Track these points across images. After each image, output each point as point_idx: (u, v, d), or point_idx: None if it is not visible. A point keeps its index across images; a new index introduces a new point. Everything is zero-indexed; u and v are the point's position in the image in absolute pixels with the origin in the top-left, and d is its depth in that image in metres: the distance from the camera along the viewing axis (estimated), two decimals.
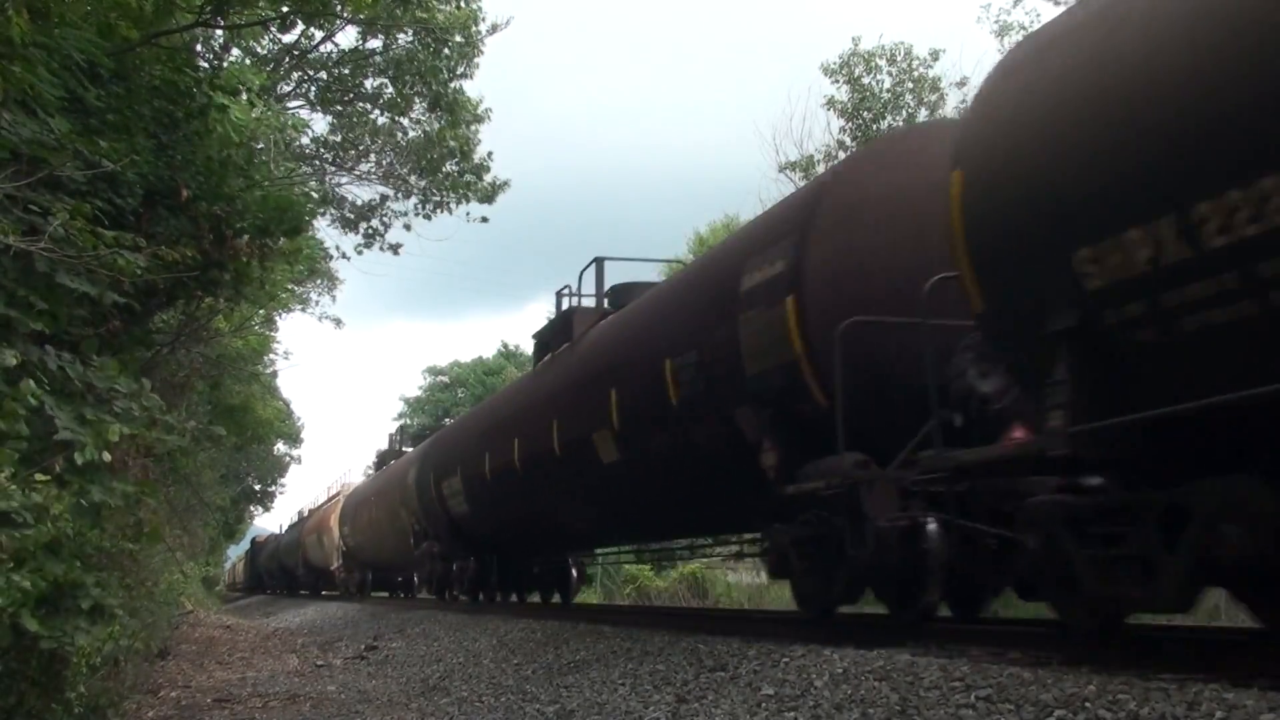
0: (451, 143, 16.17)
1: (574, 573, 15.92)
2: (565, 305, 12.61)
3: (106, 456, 4.54)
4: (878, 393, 6.19)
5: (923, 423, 5.63)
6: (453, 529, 16.45)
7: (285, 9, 7.86)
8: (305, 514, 41.68)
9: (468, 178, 16.72)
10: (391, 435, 32.75)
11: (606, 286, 12.34)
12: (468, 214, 17.44)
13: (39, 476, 4.17)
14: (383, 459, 31.32)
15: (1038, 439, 4.76)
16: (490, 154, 16.87)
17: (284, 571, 41.42)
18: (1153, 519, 4.40)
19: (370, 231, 17.89)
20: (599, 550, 16.46)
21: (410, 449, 25.76)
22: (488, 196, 17.14)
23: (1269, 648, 4.98)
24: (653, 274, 17.86)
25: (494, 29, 15.73)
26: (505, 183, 17.29)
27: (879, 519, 5.99)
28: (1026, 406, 5.10)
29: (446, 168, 16.72)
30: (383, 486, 22.70)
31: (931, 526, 5.75)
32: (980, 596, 7.20)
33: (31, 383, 4.29)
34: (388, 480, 22.54)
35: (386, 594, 27.27)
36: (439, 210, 17.12)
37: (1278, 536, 4.01)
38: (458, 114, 15.88)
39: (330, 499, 35.26)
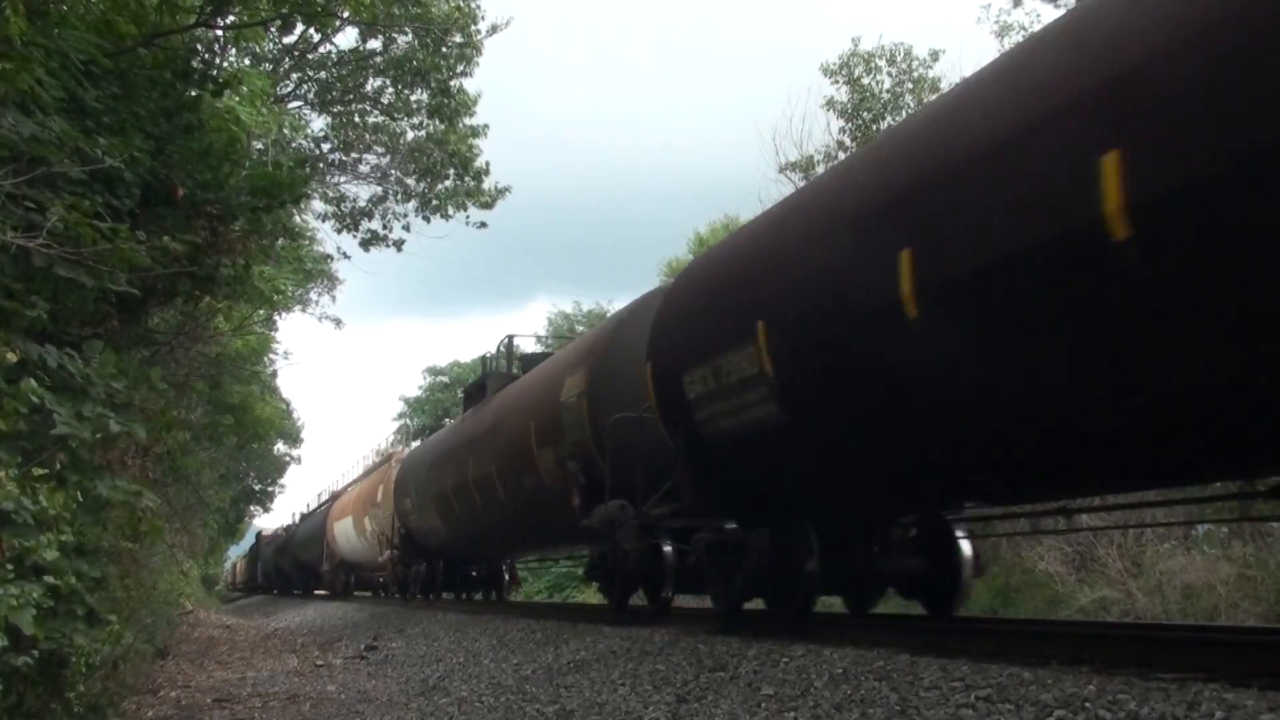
0: (453, 147, 16.15)
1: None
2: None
3: (102, 435, 4.51)
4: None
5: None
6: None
7: (285, 10, 7.86)
8: (327, 497, 35.82)
9: (468, 183, 16.71)
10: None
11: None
12: (467, 219, 17.46)
13: (36, 471, 4.16)
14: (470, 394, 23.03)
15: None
16: (488, 163, 16.88)
17: (299, 569, 36.08)
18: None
19: (370, 233, 17.89)
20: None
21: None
22: (487, 204, 17.14)
23: (1269, 648, 4.99)
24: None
25: (493, 29, 15.73)
26: (505, 189, 17.29)
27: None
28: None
29: (446, 183, 16.71)
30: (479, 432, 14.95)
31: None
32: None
33: (32, 381, 4.29)
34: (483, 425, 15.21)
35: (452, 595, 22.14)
36: (437, 214, 17.14)
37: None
38: (456, 119, 15.87)
39: (370, 470, 29.10)
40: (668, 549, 9.36)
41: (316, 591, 34.25)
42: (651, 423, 8.71)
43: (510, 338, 16.94)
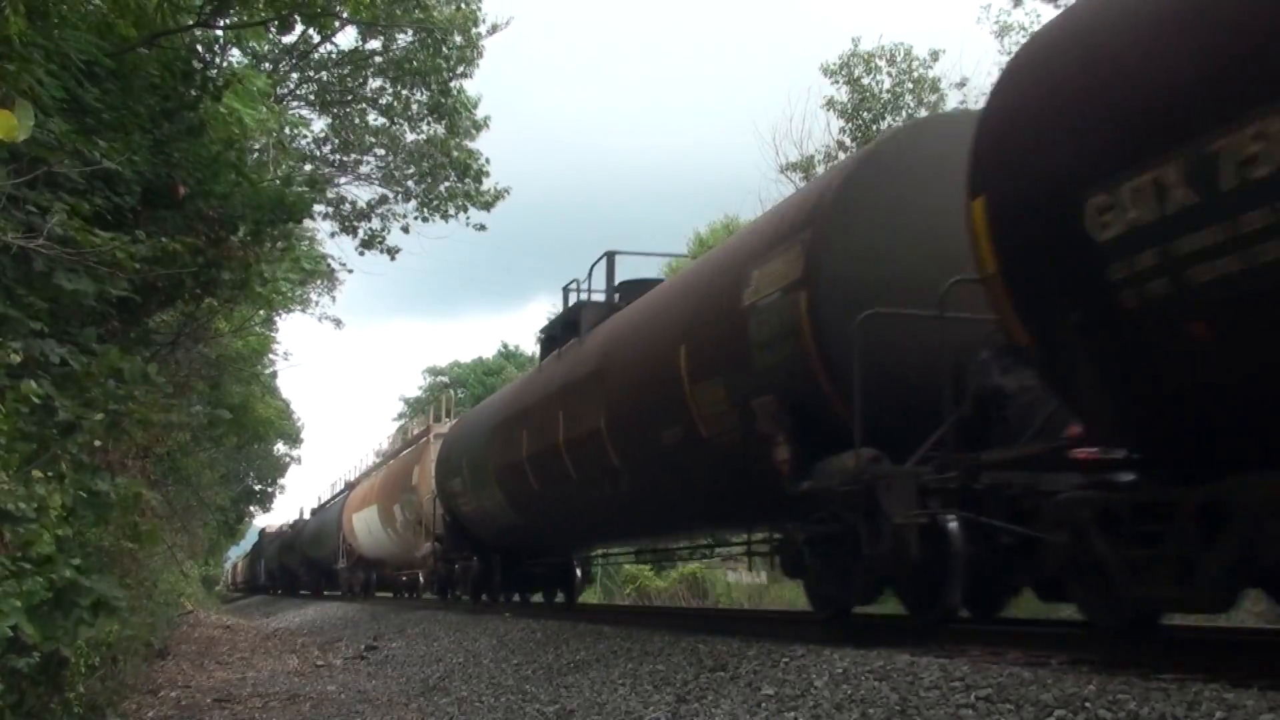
0: (455, 153, 16.14)
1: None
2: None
3: (100, 418, 4.51)
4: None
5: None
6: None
7: (285, 10, 7.87)
8: (341, 488, 32.36)
9: (467, 185, 16.70)
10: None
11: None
12: (467, 221, 17.46)
13: (36, 474, 4.16)
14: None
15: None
16: (488, 160, 16.86)
17: (310, 568, 33.07)
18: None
19: (370, 235, 17.89)
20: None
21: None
22: (487, 205, 17.13)
23: (1269, 648, 4.98)
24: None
25: (494, 29, 15.73)
26: (504, 191, 17.27)
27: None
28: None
29: (445, 185, 16.69)
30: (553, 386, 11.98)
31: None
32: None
33: (33, 383, 4.30)
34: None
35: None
36: (436, 216, 17.13)
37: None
38: (457, 122, 15.86)
39: (398, 451, 25.34)
40: (952, 525, 5.70)
41: (328, 593, 31.13)
42: (926, 332, 5.77)
43: (612, 254, 12.33)
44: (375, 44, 15.31)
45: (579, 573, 15.87)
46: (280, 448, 40.13)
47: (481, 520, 15.10)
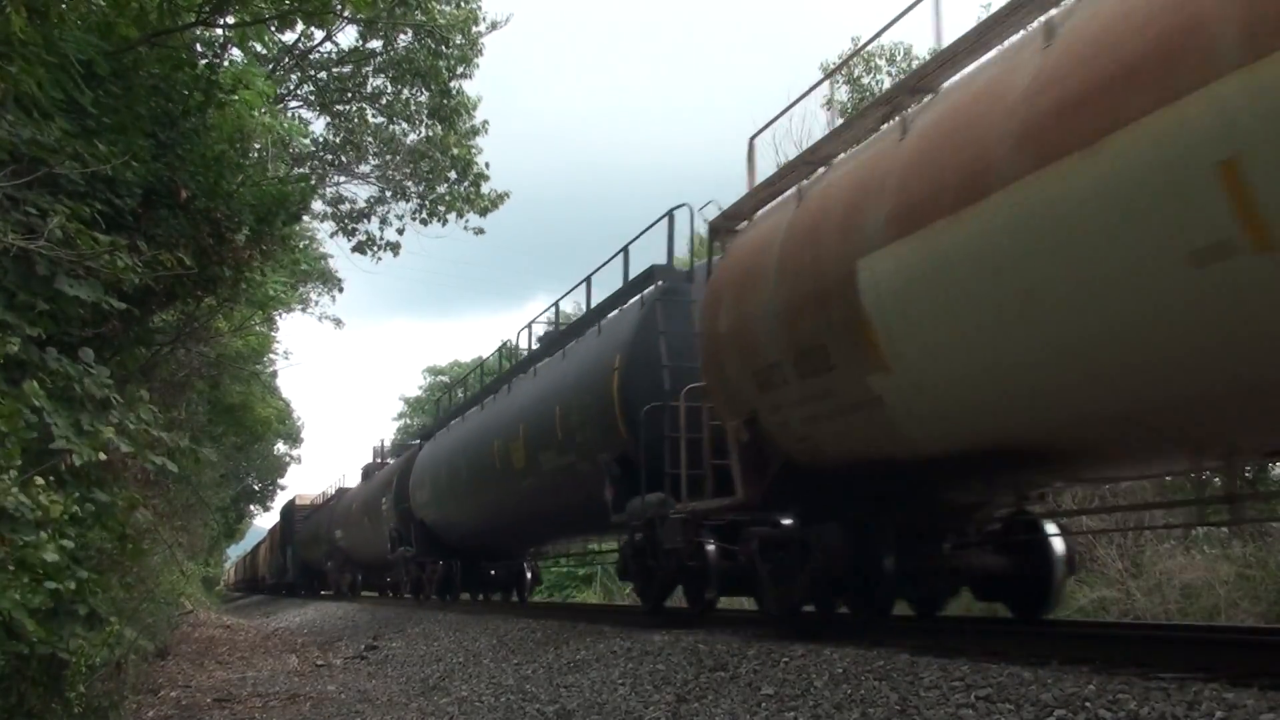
0: (455, 150, 16.13)
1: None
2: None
3: (102, 455, 4.54)
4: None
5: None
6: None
7: (285, 7, 7.87)
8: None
9: (466, 188, 16.69)
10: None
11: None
12: (465, 224, 17.45)
13: (38, 481, 4.17)
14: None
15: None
16: (487, 164, 16.85)
17: (335, 559, 27.70)
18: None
19: (368, 236, 17.89)
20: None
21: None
22: (485, 210, 17.12)
23: (1269, 648, 4.99)
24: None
25: (493, 26, 15.71)
26: (503, 195, 17.26)
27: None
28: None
29: (444, 187, 16.67)
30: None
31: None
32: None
33: (35, 384, 4.30)
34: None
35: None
36: (434, 218, 17.12)
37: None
38: (456, 122, 15.84)
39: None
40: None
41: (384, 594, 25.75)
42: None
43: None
44: (375, 44, 15.29)
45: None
46: (280, 448, 40.15)
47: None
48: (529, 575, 18.72)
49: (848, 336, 5.75)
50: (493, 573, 18.76)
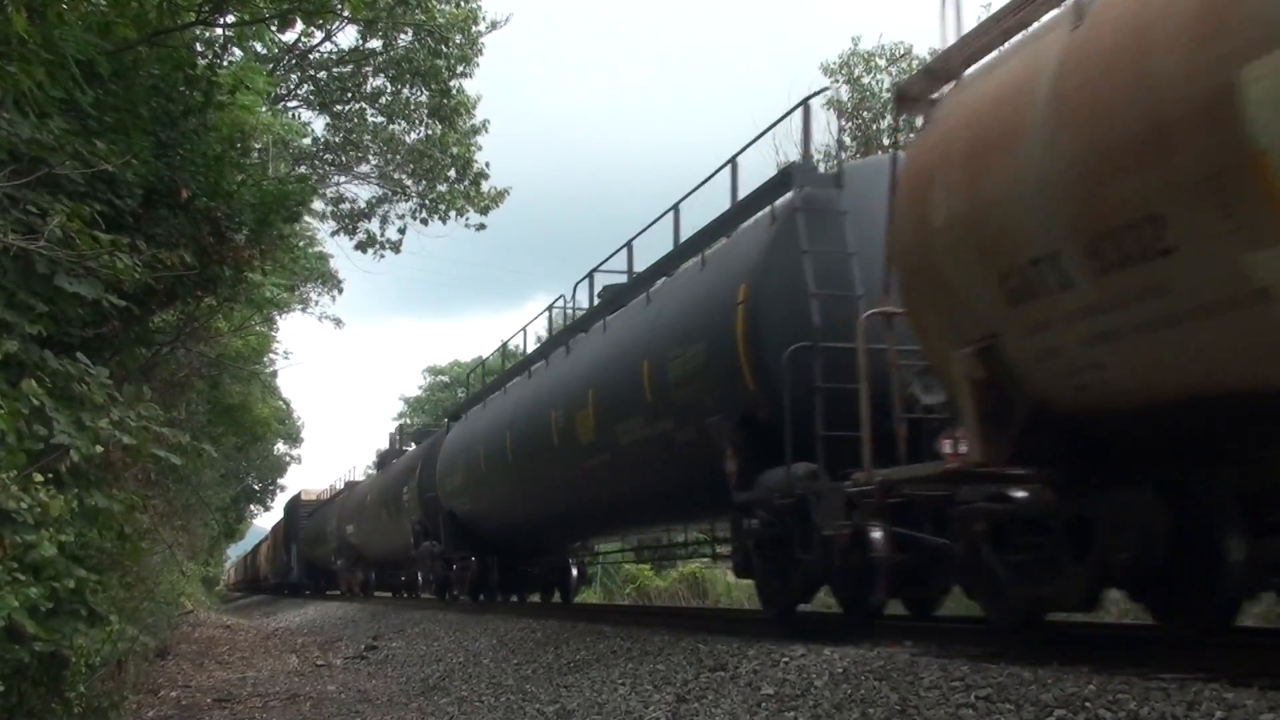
0: (454, 149, 16.13)
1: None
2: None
3: (99, 448, 4.54)
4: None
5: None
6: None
7: (285, 6, 7.87)
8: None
9: (466, 186, 16.70)
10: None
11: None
12: (465, 222, 17.47)
13: (36, 477, 4.17)
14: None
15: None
16: (488, 164, 16.85)
17: (341, 555, 25.77)
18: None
19: (369, 235, 17.90)
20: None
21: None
22: (485, 209, 17.13)
23: (1269, 648, 4.99)
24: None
25: (493, 26, 15.72)
26: (503, 192, 17.27)
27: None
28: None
29: (444, 186, 16.67)
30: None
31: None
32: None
33: (33, 383, 4.30)
34: None
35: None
36: (434, 217, 17.14)
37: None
38: (456, 121, 15.85)
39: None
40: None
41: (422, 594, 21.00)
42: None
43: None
44: (375, 43, 15.30)
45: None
46: (280, 448, 40.14)
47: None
48: (574, 572, 16.19)
49: (1212, 193, 3.71)
50: (533, 569, 16.51)
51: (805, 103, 8.01)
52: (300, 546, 33.52)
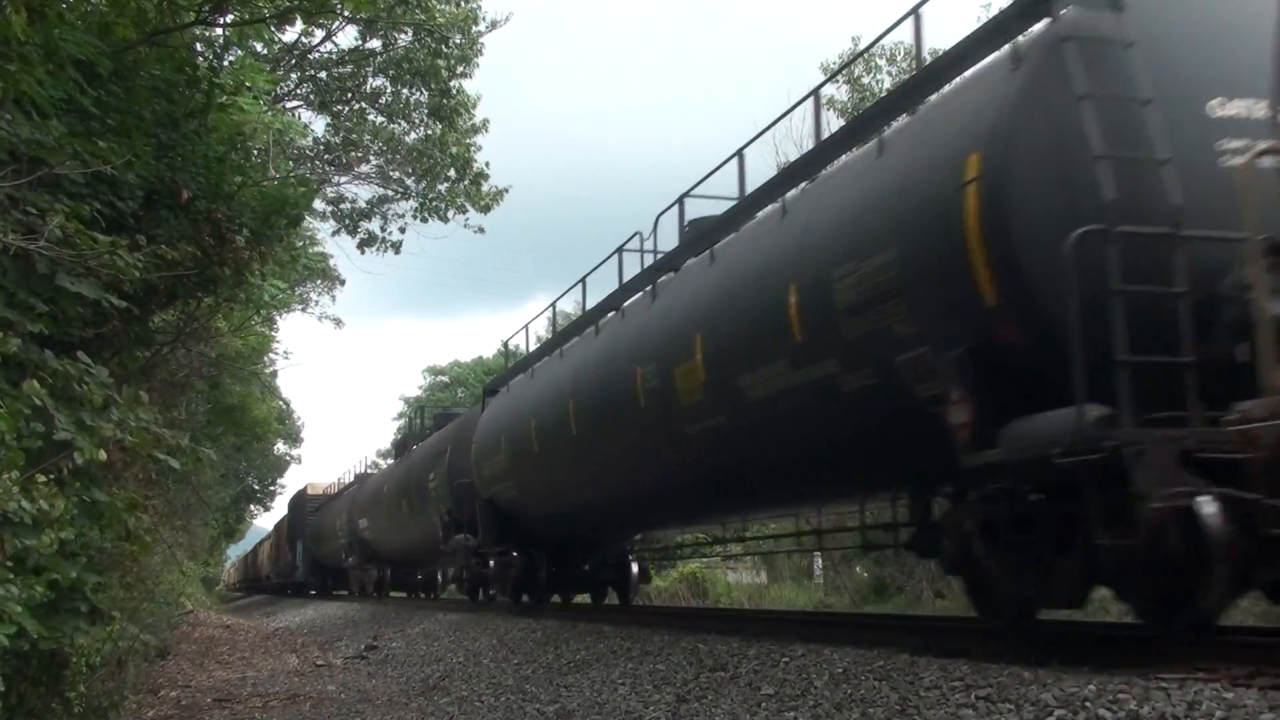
0: (454, 149, 16.14)
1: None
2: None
3: (102, 455, 4.55)
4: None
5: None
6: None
7: (285, 5, 7.88)
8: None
9: (466, 186, 16.71)
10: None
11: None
12: (465, 222, 17.48)
13: (39, 478, 4.17)
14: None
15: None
16: (488, 164, 16.87)
17: (354, 552, 23.77)
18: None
19: (369, 234, 17.92)
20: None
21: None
22: (486, 208, 17.14)
23: (1269, 648, 4.98)
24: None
25: (493, 25, 15.73)
26: (503, 191, 17.28)
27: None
28: None
29: (444, 185, 16.68)
30: None
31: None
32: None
33: (35, 383, 4.30)
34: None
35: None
36: (434, 217, 17.15)
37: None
38: (456, 121, 15.86)
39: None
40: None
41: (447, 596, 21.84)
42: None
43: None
44: (375, 43, 15.31)
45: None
46: (280, 447, 40.13)
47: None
48: (635, 570, 14.00)
49: None
50: (587, 566, 14.30)
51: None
52: (306, 544, 31.31)
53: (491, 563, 14.33)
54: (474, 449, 14.33)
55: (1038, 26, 5.46)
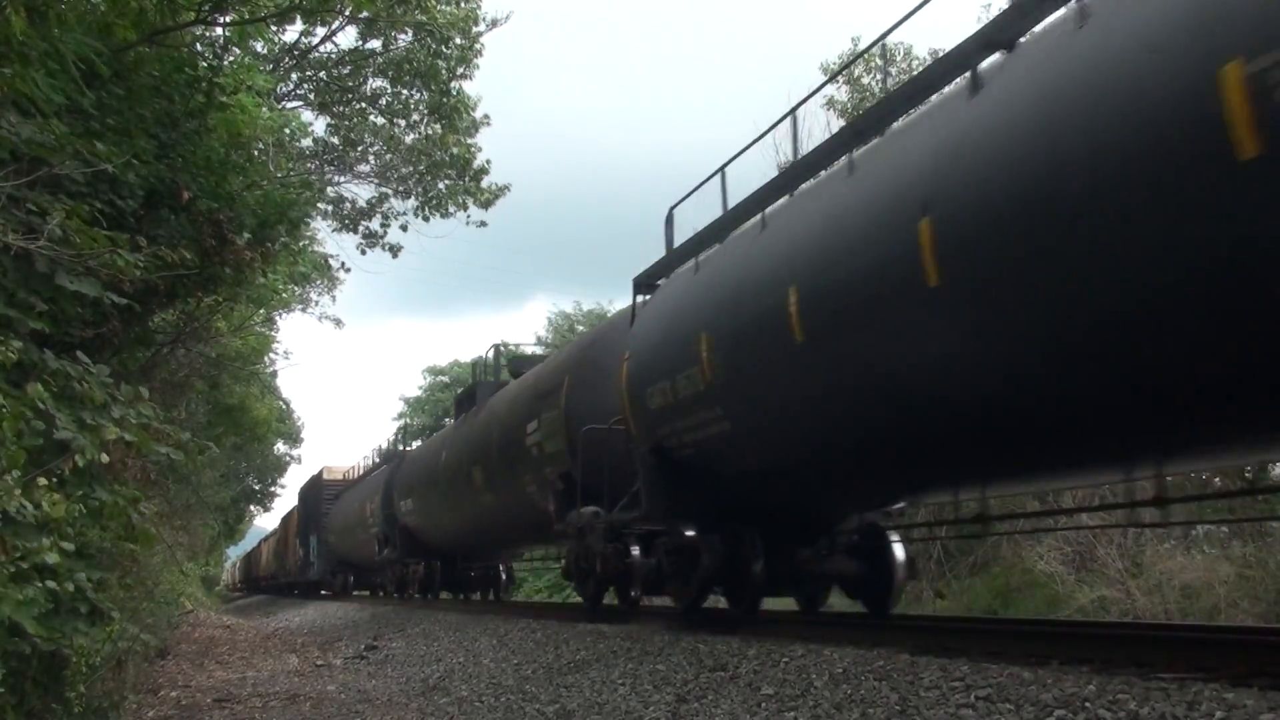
0: (454, 150, 16.15)
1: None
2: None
3: (105, 458, 4.55)
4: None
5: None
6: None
7: (286, 3, 7.89)
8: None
9: (467, 183, 16.71)
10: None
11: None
12: (467, 219, 17.48)
13: (40, 481, 4.17)
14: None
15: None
16: (488, 161, 16.87)
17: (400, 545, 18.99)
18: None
19: (369, 233, 17.92)
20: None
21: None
22: (487, 203, 17.14)
23: (1269, 648, 4.99)
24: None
25: (493, 24, 15.73)
26: (504, 188, 17.29)
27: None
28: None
29: (445, 183, 16.68)
30: None
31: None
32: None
33: (40, 386, 4.30)
34: None
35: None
36: (436, 213, 17.14)
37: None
38: (456, 120, 15.87)
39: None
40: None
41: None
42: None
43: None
44: (375, 44, 15.32)
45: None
46: (280, 447, 40.16)
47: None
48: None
49: None
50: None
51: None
52: (323, 537, 27.26)
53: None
54: (629, 371, 8.96)
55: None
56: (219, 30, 8.18)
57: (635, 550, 9.84)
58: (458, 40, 14.96)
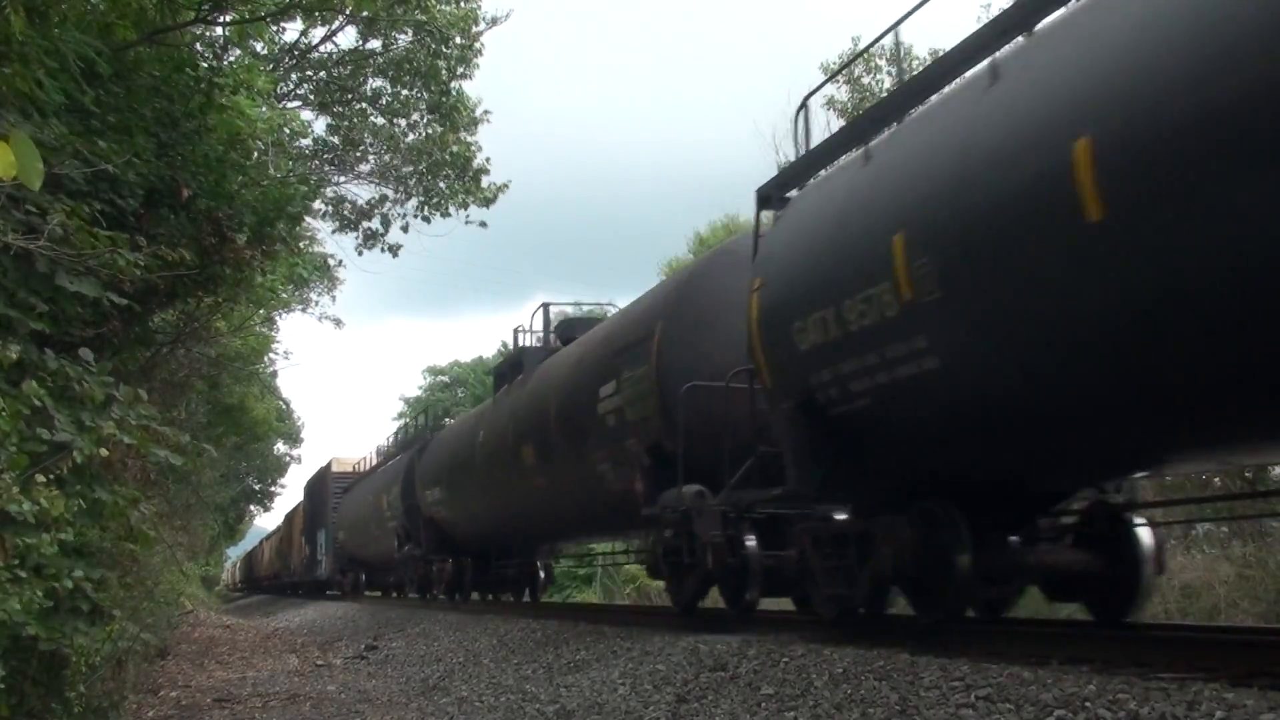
0: (454, 148, 16.13)
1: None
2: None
3: (104, 452, 4.55)
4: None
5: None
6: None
7: (285, 3, 7.89)
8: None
9: (467, 182, 16.70)
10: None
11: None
12: (467, 218, 17.47)
13: (39, 478, 4.17)
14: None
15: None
16: (489, 160, 16.85)
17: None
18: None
19: (370, 233, 17.91)
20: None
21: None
22: (487, 202, 17.13)
23: (1269, 648, 4.99)
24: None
25: (493, 22, 15.72)
26: (504, 186, 17.28)
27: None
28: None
29: (445, 182, 16.67)
30: None
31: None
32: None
33: (34, 384, 4.30)
34: None
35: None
36: (437, 212, 17.13)
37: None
38: (456, 120, 15.86)
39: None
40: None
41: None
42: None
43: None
44: (375, 44, 15.32)
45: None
46: (280, 447, 40.17)
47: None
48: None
49: None
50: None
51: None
52: (332, 533, 25.28)
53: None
54: (762, 303, 6.98)
55: None
56: (219, 30, 8.18)
57: (750, 540, 7.84)
58: (458, 40, 14.95)
